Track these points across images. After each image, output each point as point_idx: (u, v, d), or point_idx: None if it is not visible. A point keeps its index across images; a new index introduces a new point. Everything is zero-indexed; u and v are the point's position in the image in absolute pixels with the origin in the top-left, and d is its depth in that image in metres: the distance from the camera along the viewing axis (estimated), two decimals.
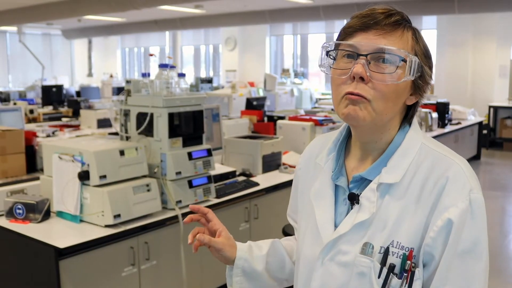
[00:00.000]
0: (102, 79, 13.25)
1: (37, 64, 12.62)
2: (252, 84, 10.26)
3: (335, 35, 1.13)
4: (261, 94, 9.57)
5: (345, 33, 1.07)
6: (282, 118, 5.06)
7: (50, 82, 13.21)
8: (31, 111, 7.39)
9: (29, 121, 7.06)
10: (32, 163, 3.65)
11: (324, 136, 1.29)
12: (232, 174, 3.61)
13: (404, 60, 1.02)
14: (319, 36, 13.18)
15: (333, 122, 4.58)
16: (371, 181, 1.08)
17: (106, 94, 11.68)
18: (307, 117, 4.73)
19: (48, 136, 5.56)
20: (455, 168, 1.03)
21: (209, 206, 3.06)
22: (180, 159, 2.89)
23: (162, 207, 2.84)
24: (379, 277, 1.02)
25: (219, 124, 3.80)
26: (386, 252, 1.02)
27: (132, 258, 2.71)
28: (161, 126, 2.85)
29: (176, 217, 2.83)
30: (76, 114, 7.60)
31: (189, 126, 2.99)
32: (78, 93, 10.90)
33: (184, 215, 2.88)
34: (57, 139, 5.19)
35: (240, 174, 3.75)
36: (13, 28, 13.50)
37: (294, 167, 4.10)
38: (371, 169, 1.09)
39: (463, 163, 1.05)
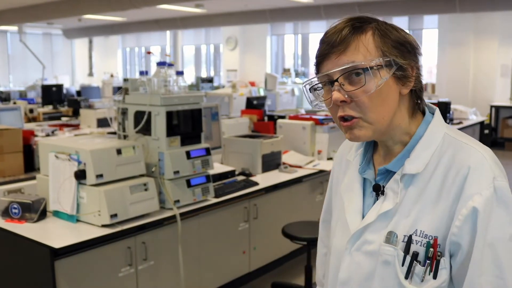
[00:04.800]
0: (103, 79, 13.22)
1: (38, 63, 12.59)
2: (253, 84, 10.22)
3: None
4: (262, 93, 9.54)
5: (316, 65, 1.11)
6: (282, 117, 5.03)
7: (51, 81, 13.20)
8: (31, 111, 7.37)
9: (29, 120, 7.04)
10: (30, 162, 3.63)
11: None
12: (231, 174, 3.58)
13: (369, 68, 1.03)
14: (320, 35, 13.09)
15: (334, 121, 4.54)
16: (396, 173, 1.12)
17: (107, 93, 11.64)
18: (308, 116, 4.70)
19: (47, 135, 5.54)
20: (477, 156, 1.03)
21: (207, 206, 3.04)
22: (178, 158, 2.86)
23: (160, 206, 2.80)
24: (402, 265, 1.04)
25: (218, 123, 3.76)
26: (409, 240, 1.04)
27: (129, 258, 2.67)
28: (159, 124, 2.82)
29: (174, 217, 2.80)
30: (76, 114, 7.58)
31: (187, 124, 2.96)
32: (79, 93, 10.89)
33: (182, 214, 2.85)
34: (56, 138, 5.16)
35: (240, 174, 3.72)
36: (14, 28, 13.49)
37: (294, 166, 4.07)
38: (395, 162, 1.11)
39: (485, 151, 1.05)
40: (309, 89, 1.12)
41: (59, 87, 8.99)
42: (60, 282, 2.36)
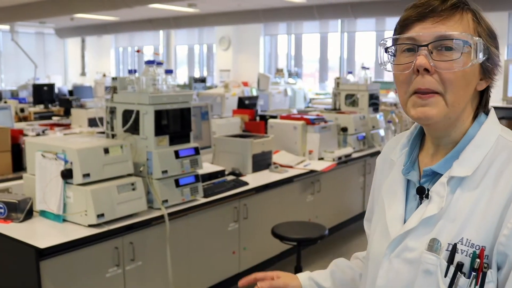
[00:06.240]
0: (95, 78, 13.16)
1: (30, 63, 12.51)
2: (245, 84, 10.19)
3: (330, 35, 1.09)
4: (254, 93, 9.51)
5: (401, 27, 1.02)
6: (274, 117, 5.01)
7: (43, 81, 13.11)
8: (22, 110, 7.31)
9: (20, 120, 6.98)
10: (19, 162, 3.58)
11: (401, 134, 1.24)
12: (221, 174, 3.56)
13: (468, 44, 0.97)
14: (313, 36, 13.13)
15: (325, 121, 4.54)
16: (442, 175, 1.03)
17: (99, 93, 11.56)
18: (299, 116, 4.68)
19: (38, 134, 5.48)
20: None
21: (196, 206, 3.02)
22: (166, 158, 2.84)
23: (148, 206, 2.78)
24: (445, 275, 0.95)
25: (208, 123, 3.74)
26: (453, 249, 0.95)
27: (116, 259, 2.64)
28: (147, 123, 2.80)
29: (162, 216, 2.77)
30: (67, 113, 7.52)
31: (176, 124, 2.94)
32: (71, 92, 10.82)
33: (170, 214, 2.82)
34: (44, 137, 5.12)
35: (230, 174, 3.69)
36: (6, 27, 13.40)
37: (285, 166, 4.05)
38: (442, 163, 1.03)
39: None
40: (385, 48, 1.04)
41: (51, 86, 8.93)
42: (46, 283, 2.33)
